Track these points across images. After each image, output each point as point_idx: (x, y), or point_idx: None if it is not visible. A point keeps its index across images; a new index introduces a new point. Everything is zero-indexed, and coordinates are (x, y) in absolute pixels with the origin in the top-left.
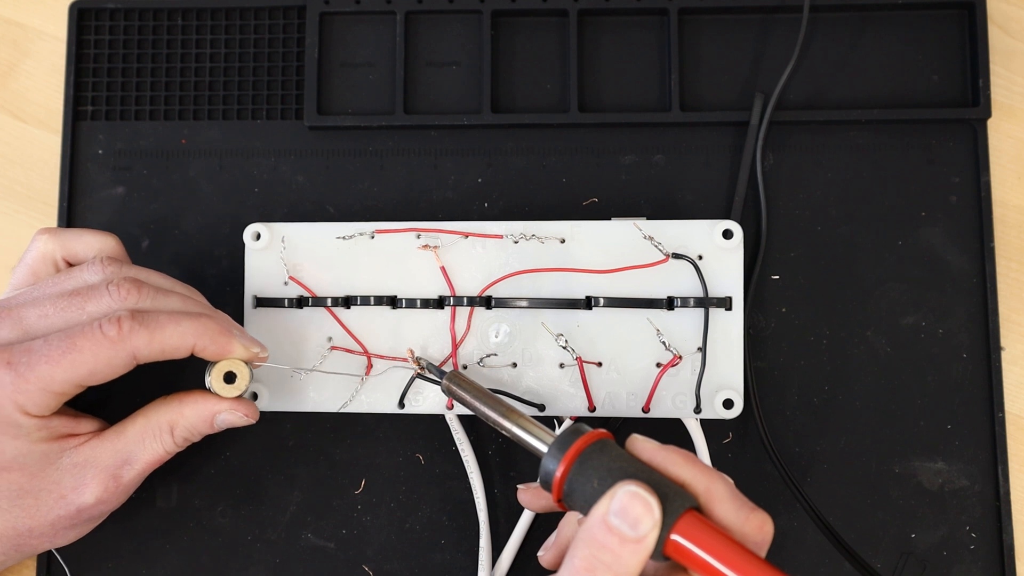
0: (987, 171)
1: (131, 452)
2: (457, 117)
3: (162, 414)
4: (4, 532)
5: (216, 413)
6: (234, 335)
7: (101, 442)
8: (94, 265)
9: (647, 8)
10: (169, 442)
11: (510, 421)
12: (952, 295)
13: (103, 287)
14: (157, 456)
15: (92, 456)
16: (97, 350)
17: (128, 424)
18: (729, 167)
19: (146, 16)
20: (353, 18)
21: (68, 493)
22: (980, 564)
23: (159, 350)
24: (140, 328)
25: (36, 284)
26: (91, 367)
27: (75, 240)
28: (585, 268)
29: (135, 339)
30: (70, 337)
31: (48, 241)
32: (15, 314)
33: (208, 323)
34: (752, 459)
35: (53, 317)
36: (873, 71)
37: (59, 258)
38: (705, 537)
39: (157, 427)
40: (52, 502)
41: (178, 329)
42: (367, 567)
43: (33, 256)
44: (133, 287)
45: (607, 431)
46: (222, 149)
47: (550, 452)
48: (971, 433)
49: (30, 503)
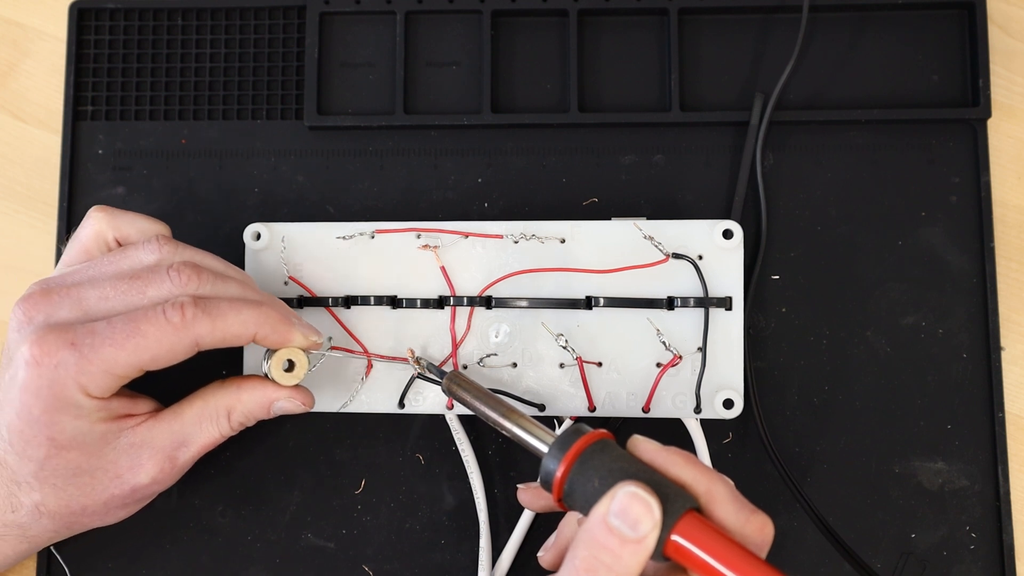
0: (987, 171)
1: (188, 434)
2: (457, 117)
3: (220, 398)
4: (58, 510)
5: (274, 400)
6: (294, 323)
7: (158, 423)
8: (150, 244)
9: (647, 8)
10: (225, 426)
11: (510, 421)
12: (952, 295)
13: (163, 271)
14: (212, 439)
15: (149, 437)
16: (161, 336)
17: (186, 406)
18: (729, 167)
19: (146, 16)
20: (353, 18)
21: (124, 472)
22: (980, 564)
23: (220, 338)
24: (203, 315)
25: (90, 262)
26: (154, 352)
27: (128, 223)
28: (585, 268)
29: (198, 326)
30: (134, 321)
31: (102, 220)
32: (74, 294)
33: (269, 312)
34: (752, 459)
35: (113, 300)
36: (873, 71)
37: (111, 239)
38: (705, 538)
39: (215, 411)
40: (108, 481)
41: (239, 318)
42: (367, 567)
43: (87, 234)
44: (193, 272)
45: (608, 431)
46: (222, 149)
47: (550, 452)
48: (971, 433)
49: (86, 481)
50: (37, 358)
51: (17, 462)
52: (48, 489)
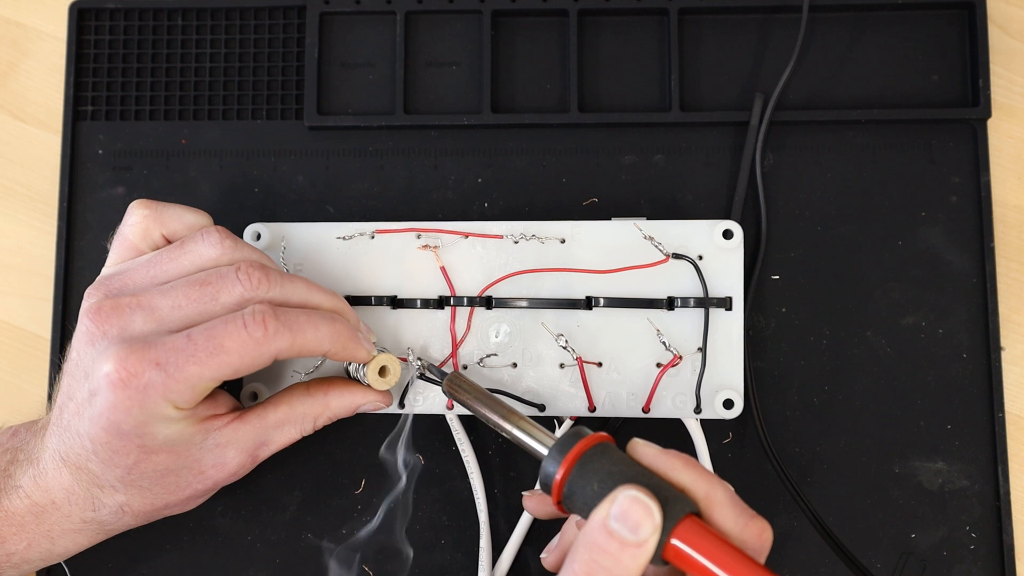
0: (987, 171)
1: (270, 436)
2: (457, 117)
3: (308, 406)
4: (143, 509)
5: (360, 405)
6: (360, 340)
7: (243, 424)
8: (208, 239)
9: (647, 8)
10: (309, 429)
11: (510, 423)
12: (952, 295)
13: (231, 274)
14: (292, 439)
15: (234, 438)
16: (243, 350)
17: (270, 410)
18: (729, 167)
19: (146, 16)
20: (353, 18)
21: (208, 470)
22: (980, 564)
23: (297, 352)
24: (284, 330)
25: (148, 261)
26: (236, 367)
27: (174, 217)
28: (585, 268)
29: (279, 341)
30: (216, 337)
31: (148, 216)
32: (145, 303)
33: (342, 329)
34: (752, 459)
35: (187, 308)
36: (873, 71)
37: (158, 236)
38: (704, 542)
39: (301, 417)
40: (192, 478)
41: (317, 335)
42: (367, 567)
43: (133, 231)
44: (263, 274)
45: (607, 434)
46: (222, 149)
47: (550, 455)
48: (971, 433)
49: (171, 481)
50: (124, 379)
51: (102, 469)
52: (134, 491)
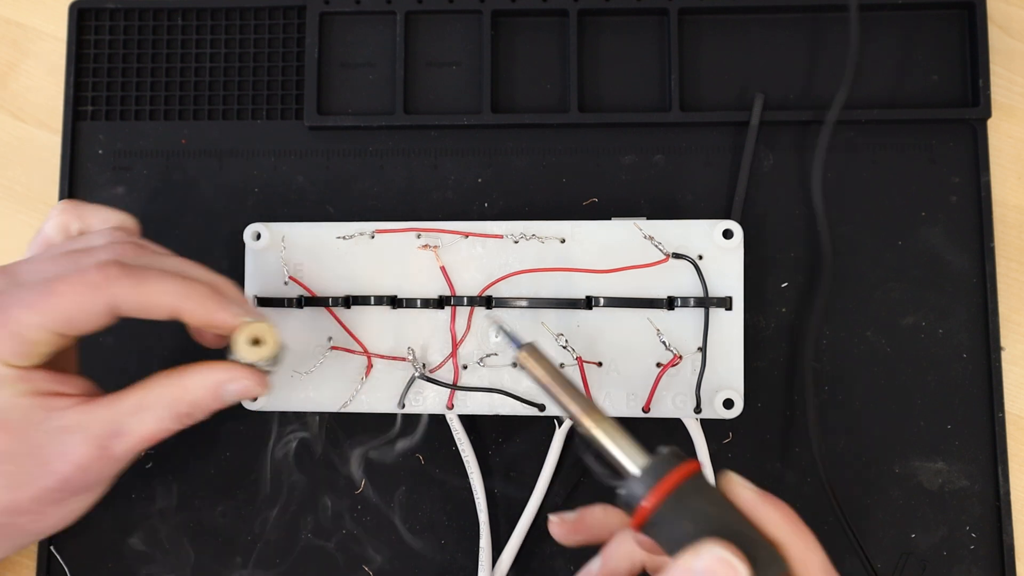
0: (987, 171)
1: (123, 423)
2: (457, 117)
3: (163, 387)
4: None
5: (222, 383)
6: (225, 303)
7: (91, 407)
8: (104, 232)
9: (647, 8)
10: (169, 418)
11: (593, 421)
12: (952, 295)
13: (99, 240)
14: (151, 432)
15: (80, 421)
16: (75, 294)
17: (124, 394)
18: (729, 167)
19: (146, 16)
20: (353, 18)
21: (52, 460)
22: (980, 564)
23: (140, 303)
24: (124, 277)
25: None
26: (68, 313)
27: (93, 214)
28: (585, 268)
29: (117, 286)
30: (50, 282)
31: (67, 211)
32: (11, 269)
33: (199, 287)
34: (752, 459)
35: (45, 271)
36: (873, 71)
37: (74, 229)
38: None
39: (156, 400)
40: (34, 469)
41: (163, 285)
42: (367, 567)
43: (50, 225)
44: (135, 246)
45: (697, 461)
46: (222, 149)
47: (643, 477)
48: (971, 433)
49: (11, 471)
50: None
51: None
52: None
